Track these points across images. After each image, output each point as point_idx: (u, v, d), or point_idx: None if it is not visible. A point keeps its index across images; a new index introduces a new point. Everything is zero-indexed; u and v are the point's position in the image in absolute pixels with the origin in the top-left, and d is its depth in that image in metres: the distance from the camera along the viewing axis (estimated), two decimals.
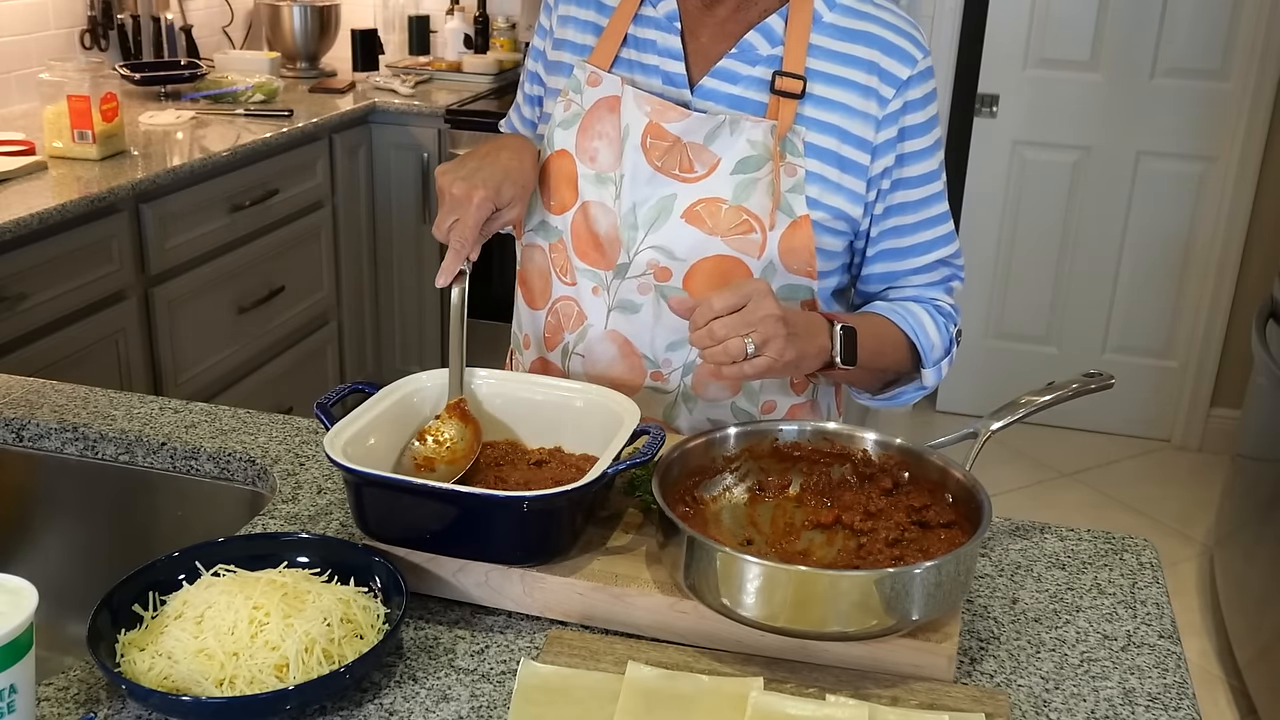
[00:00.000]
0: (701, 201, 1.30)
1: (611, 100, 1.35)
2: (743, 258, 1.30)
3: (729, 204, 1.30)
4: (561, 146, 1.37)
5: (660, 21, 1.36)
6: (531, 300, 1.44)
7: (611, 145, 1.34)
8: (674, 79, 1.35)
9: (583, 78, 1.37)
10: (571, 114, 1.37)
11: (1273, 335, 2.80)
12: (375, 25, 3.98)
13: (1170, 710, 0.99)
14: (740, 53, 1.33)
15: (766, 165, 1.29)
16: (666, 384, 1.37)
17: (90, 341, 2.49)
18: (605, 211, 1.34)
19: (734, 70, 1.33)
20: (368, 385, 1.22)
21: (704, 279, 1.31)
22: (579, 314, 1.38)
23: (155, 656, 0.95)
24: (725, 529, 1.14)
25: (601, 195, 1.34)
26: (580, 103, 1.37)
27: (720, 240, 1.30)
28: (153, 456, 1.37)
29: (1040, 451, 3.89)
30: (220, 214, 2.87)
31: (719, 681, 0.98)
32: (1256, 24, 3.60)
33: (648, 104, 1.33)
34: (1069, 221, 3.94)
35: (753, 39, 1.33)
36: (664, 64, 1.35)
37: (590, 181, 1.35)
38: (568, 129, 1.37)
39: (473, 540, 1.05)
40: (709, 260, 1.31)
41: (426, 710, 0.96)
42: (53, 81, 2.67)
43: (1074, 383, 1.25)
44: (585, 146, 1.35)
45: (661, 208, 1.32)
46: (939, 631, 1.01)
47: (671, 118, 1.32)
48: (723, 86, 1.33)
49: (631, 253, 1.33)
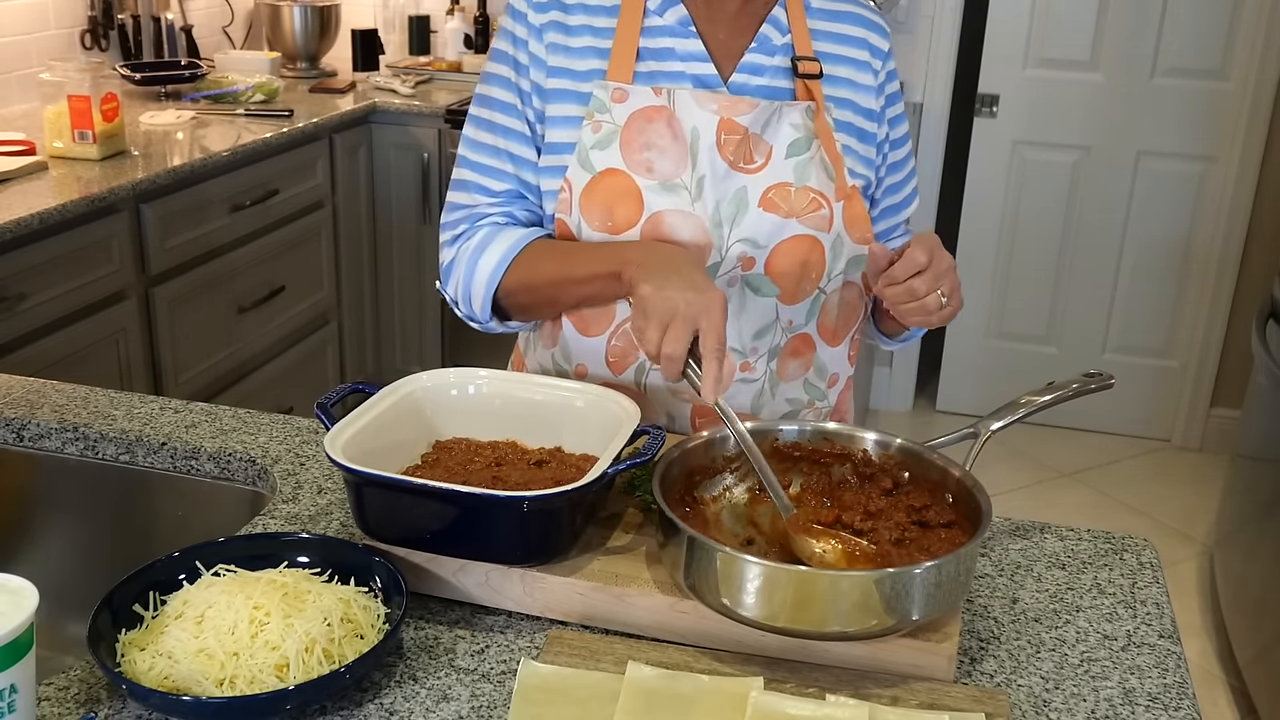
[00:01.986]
0: (772, 188, 1.35)
1: (648, 111, 1.33)
2: (817, 234, 1.37)
3: (795, 185, 1.35)
4: (608, 165, 1.33)
5: (673, 28, 1.36)
6: (585, 329, 1.39)
7: (666, 152, 1.33)
8: (706, 80, 1.36)
9: (606, 96, 1.34)
10: (606, 134, 1.34)
11: (1273, 335, 2.80)
12: (375, 25, 3.99)
13: (1170, 710, 0.99)
14: (759, 45, 1.38)
15: (813, 145, 1.37)
16: (754, 372, 1.39)
17: (90, 341, 2.49)
18: (685, 218, 1.33)
19: (758, 63, 1.38)
20: (368, 385, 1.22)
21: (784, 260, 1.36)
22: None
23: (155, 656, 0.95)
24: (725, 529, 1.14)
25: (675, 202, 1.33)
26: (613, 120, 1.34)
27: (796, 221, 1.35)
28: (153, 456, 1.37)
29: (1040, 451, 3.89)
30: (220, 214, 2.87)
31: (719, 681, 0.98)
32: (1256, 24, 3.60)
33: (713, 102, 1.33)
34: (1069, 221, 3.94)
35: (767, 30, 1.39)
36: (690, 68, 1.36)
37: (655, 191, 1.33)
38: (606, 148, 1.34)
39: (473, 540, 1.05)
40: (787, 242, 1.36)
41: (426, 710, 0.96)
42: (53, 81, 2.67)
43: (1074, 383, 1.25)
44: (636, 160, 1.33)
45: (738, 201, 1.34)
46: (939, 631, 1.01)
47: (742, 110, 1.34)
48: (752, 80, 1.38)
49: (724, 250, 1.34)
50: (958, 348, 4.15)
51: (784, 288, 1.37)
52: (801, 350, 1.42)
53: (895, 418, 4.17)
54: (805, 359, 1.42)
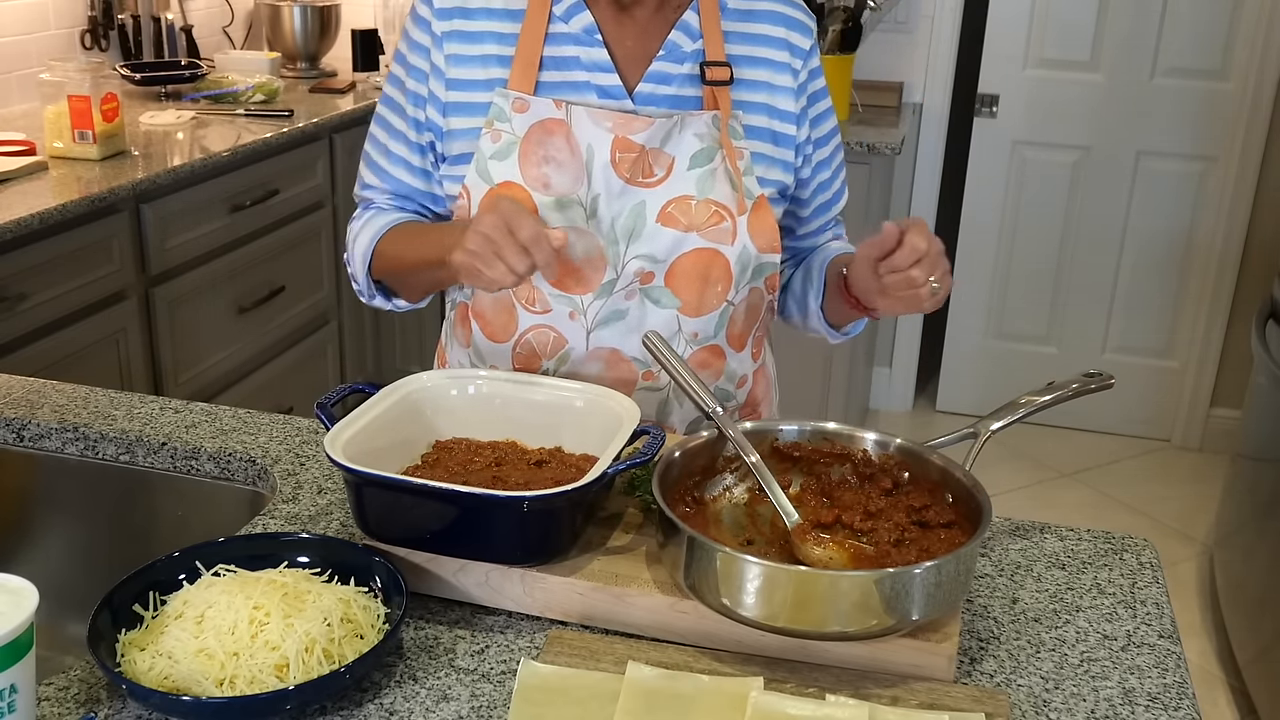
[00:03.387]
0: (671, 202, 1.33)
1: (548, 123, 1.32)
2: (718, 247, 1.35)
3: (697, 199, 1.34)
4: (505, 178, 1.32)
5: (578, 36, 1.34)
6: (492, 334, 1.40)
7: (564, 167, 1.32)
8: (610, 91, 1.34)
9: (507, 105, 1.32)
10: (505, 144, 1.32)
11: (1273, 335, 2.80)
12: (375, 25, 3.98)
13: (1170, 710, 0.99)
14: (667, 53, 1.36)
15: (717, 155, 1.35)
16: (657, 381, 1.39)
17: (90, 341, 2.49)
18: (579, 235, 1.32)
19: (665, 71, 1.36)
20: (368, 385, 1.22)
21: (685, 274, 1.35)
22: (556, 339, 1.37)
23: (155, 656, 0.95)
24: (725, 529, 1.14)
25: (569, 219, 1.32)
26: (512, 130, 1.32)
27: (696, 235, 1.34)
28: (153, 456, 1.37)
29: (1040, 451, 3.89)
30: (220, 214, 2.87)
31: (719, 681, 0.98)
32: (1256, 24, 3.60)
33: (607, 120, 1.32)
34: (1069, 221, 3.94)
35: (675, 38, 1.36)
36: (594, 78, 1.34)
37: (551, 208, 1.31)
38: (504, 159, 1.32)
39: (473, 540, 1.05)
40: (688, 255, 1.34)
41: (426, 710, 0.96)
42: (53, 81, 2.67)
43: (1074, 383, 1.25)
44: (533, 174, 1.32)
45: (635, 216, 1.33)
46: (939, 631, 1.01)
47: (637, 128, 1.32)
48: (659, 89, 1.36)
49: (619, 267, 1.34)
50: (958, 348, 4.15)
51: (685, 300, 1.36)
52: (711, 361, 1.41)
53: (895, 418, 4.17)
54: (715, 369, 1.42)
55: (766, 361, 1.53)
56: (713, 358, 1.41)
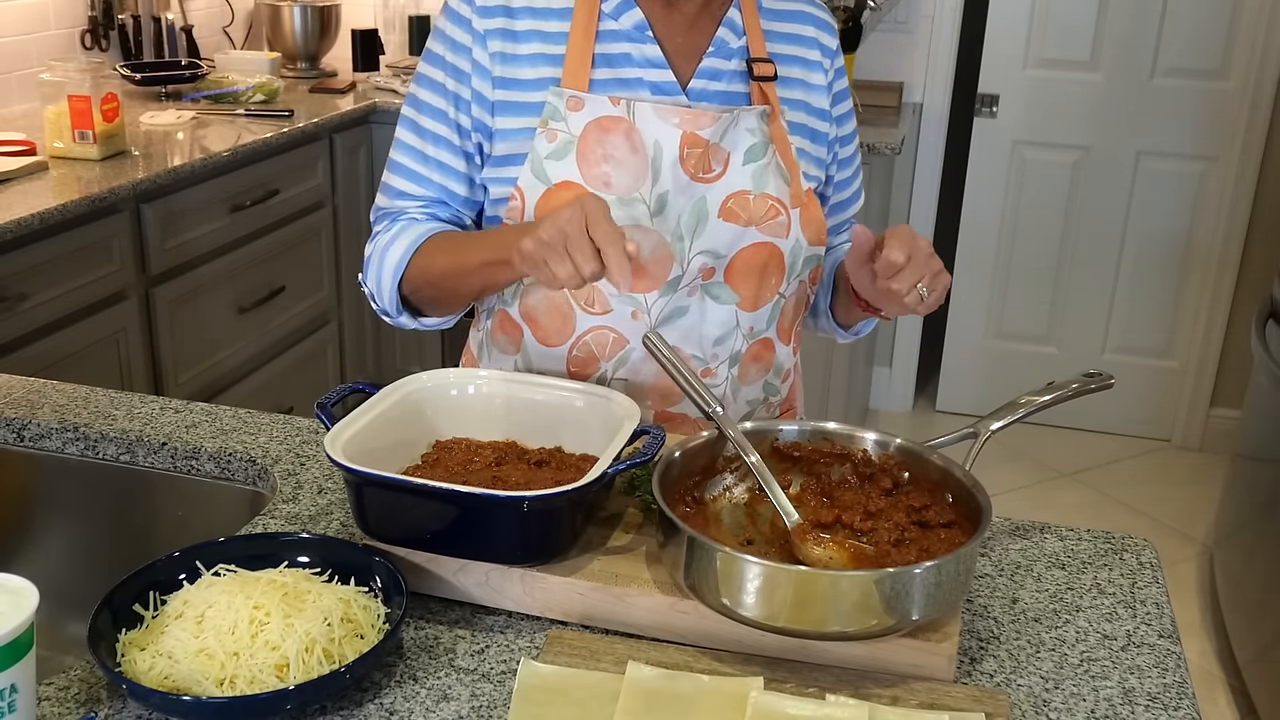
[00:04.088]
0: (731, 196, 1.34)
1: (605, 121, 1.30)
2: (775, 241, 1.36)
3: (754, 193, 1.34)
4: (564, 178, 1.31)
5: (630, 33, 1.33)
6: (545, 339, 1.38)
7: (624, 165, 1.30)
8: (664, 87, 1.34)
9: (561, 104, 1.31)
10: (561, 143, 1.31)
11: (1273, 335, 2.80)
12: (375, 25, 3.98)
13: (1170, 710, 0.99)
14: (717, 49, 1.36)
15: (768, 150, 1.35)
16: (715, 377, 1.40)
17: (91, 341, 2.49)
18: (644, 233, 1.31)
19: (716, 67, 1.36)
20: (368, 385, 1.22)
21: (744, 268, 1.36)
22: (616, 340, 1.36)
23: (156, 656, 0.95)
24: (725, 529, 1.14)
25: (633, 216, 1.31)
26: (568, 129, 1.31)
27: (755, 229, 1.35)
28: (153, 456, 1.37)
29: (1040, 451, 3.89)
30: (221, 214, 2.87)
31: (719, 681, 0.98)
32: (1256, 24, 3.60)
33: (674, 115, 1.31)
34: (1069, 221, 3.94)
35: (723, 34, 1.37)
36: (648, 74, 1.33)
37: (613, 206, 1.29)
38: (562, 159, 1.31)
39: (473, 540, 1.05)
40: (746, 250, 1.35)
41: (426, 710, 0.96)
42: (53, 81, 2.67)
43: (1074, 383, 1.25)
44: (593, 173, 1.30)
45: (697, 212, 1.33)
46: (939, 631, 1.01)
47: (704, 123, 1.32)
48: (711, 85, 1.36)
49: (685, 263, 1.33)
50: (958, 348, 4.15)
51: (744, 295, 1.37)
52: (763, 355, 1.43)
53: (895, 418, 4.17)
54: (766, 362, 1.43)
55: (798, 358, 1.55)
56: (764, 351, 1.42)
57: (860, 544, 1.10)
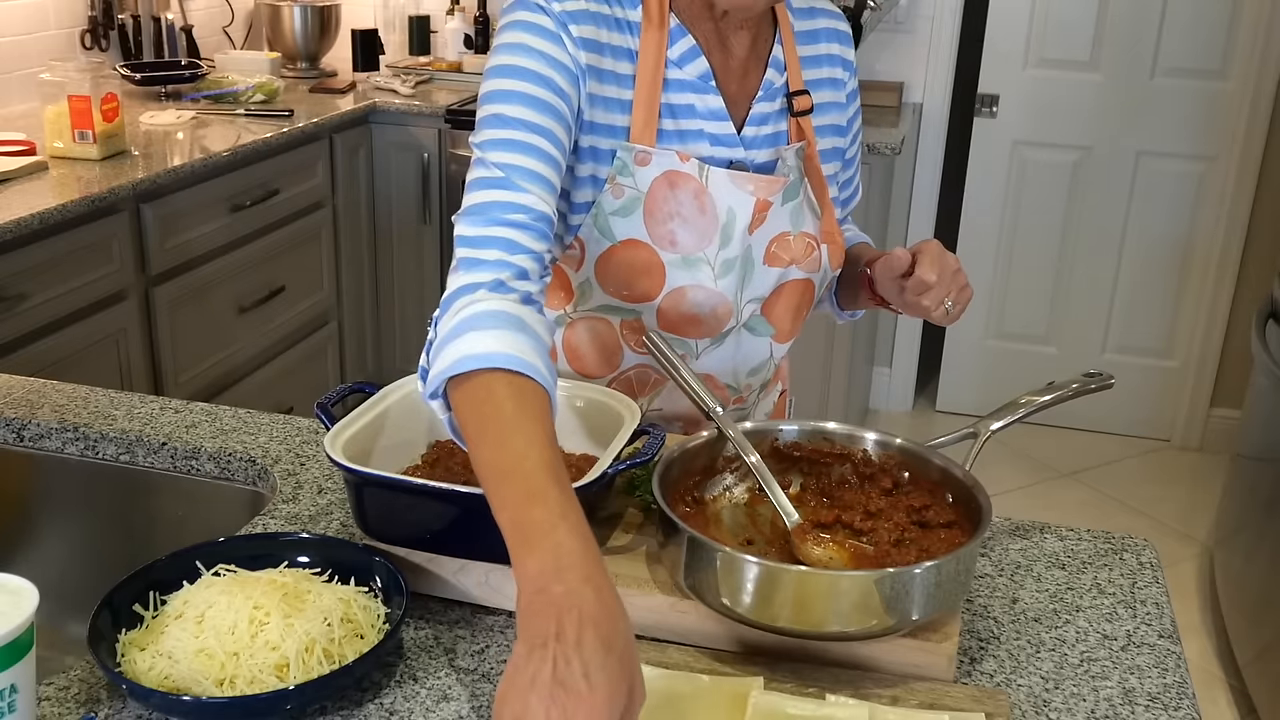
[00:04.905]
0: (774, 240, 1.33)
1: (672, 176, 1.26)
2: (810, 276, 1.37)
3: (793, 233, 1.34)
4: (629, 235, 1.26)
5: (695, 84, 1.28)
6: (585, 370, 1.37)
7: (690, 223, 1.27)
8: (723, 140, 1.29)
9: (630, 159, 1.25)
10: (629, 199, 1.26)
11: (1273, 335, 2.80)
12: (375, 25, 3.99)
13: (1170, 710, 0.99)
14: (765, 92, 1.33)
15: (802, 186, 1.35)
16: (744, 406, 1.43)
17: (91, 341, 2.49)
18: (707, 294, 1.29)
19: (764, 112, 1.33)
20: (368, 385, 1.22)
21: (782, 304, 1.38)
22: (658, 378, 1.37)
23: (155, 656, 0.95)
24: (725, 529, 1.14)
25: (697, 277, 1.28)
26: (636, 185, 1.26)
27: (795, 268, 1.35)
28: (153, 456, 1.37)
29: (1040, 451, 3.89)
30: (220, 214, 2.87)
31: (719, 681, 0.98)
32: (1256, 24, 3.60)
33: (749, 183, 1.28)
34: (1069, 221, 3.94)
35: (769, 75, 1.33)
36: (708, 126, 1.28)
37: (677, 266, 1.27)
38: (628, 216, 1.26)
39: (473, 540, 1.05)
40: (785, 286, 1.36)
41: (426, 710, 0.96)
42: (53, 81, 2.67)
43: (1074, 383, 1.25)
44: (660, 232, 1.27)
45: (746, 261, 1.32)
46: (939, 631, 1.01)
47: (776, 189, 1.31)
48: (761, 130, 1.33)
49: (740, 314, 1.34)
50: (958, 348, 4.15)
51: (779, 329, 1.39)
52: (779, 375, 1.48)
53: (895, 418, 4.17)
54: (780, 378, 1.48)
55: None
56: (780, 371, 1.48)
57: (860, 544, 1.10)
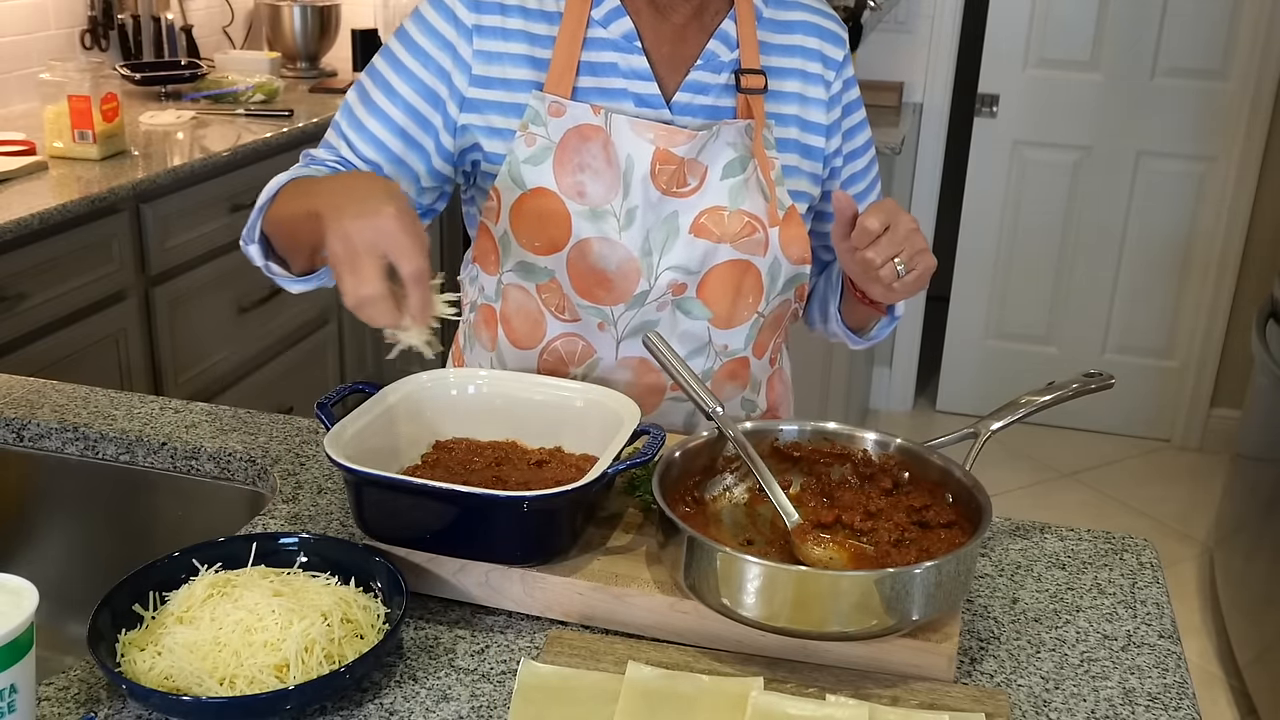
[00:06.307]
0: (704, 212, 1.31)
1: (585, 129, 1.29)
2: (750, 259, 1.34)
3: (729, 209, 1.32)
4: (539, 184, 1.29)
5: (618, 43, 1.31)
6: (517, 341, 1.38)
7: (599, 176, 1.29)
8: (648, 100, 1.31)
9: (542, 109, 1.29)
10: (539, 148, 1.29)
11: (1273, 335, 2.80)
12: (375, 25, 3.98)
13: (1170, 710, 0.99)
14: (705, 62, 1.33)
15: (749, 165, 1.33)
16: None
17: (90, 341, 2.49)
18: (612, 246, 1.30)
19: (703, 81, 1.33)
20: (368, 385, 1.22)
21: (717, 285, 1.34)
22: (585, 348, 1.36)
23: (155, 656, 0.95)
24: (725, 529, 1.14)
25: (601, 229, 1.30)
26: (547, 135, 1.29)
27: (729, 246, 1.33)
28: (153, 456, 1.37)
29: (1040, 451, 3.89)
30: (220, 214, 2.87)
31: (719, 681, 0.98)
32: (1256, 24, 3.60)
33: (649, 130, 1.29)
34: (1069, 221, 3.94)
35: (714, 47, 1.33)
36: (632, 85, 1.31)
37: (584, 217, 1.29)
38: (539, 164, 1.29)
39: (473, 540, 1.05)
40: (720, 266, 1.33)
41: (426, 710, 0.96)
42: (53, 81, 2.67)
43: (1074, 383, 1.25)
44: (568, 182, 1.29)
45: (668, 228, 1.31)
46: (939, 631, 1.01)
47: (679, 140, 1.30)
48: (696, 99, 1.33)
49: (653, 279, 1.32)
50: (958, 348, 4.15)
51: (717, 312, 1.35)
52: (739, 373, 1.41)
53: (895, 418, 4.17)
54: (742, 379, 1.42)
55: (783, 364, 1.53)
56: (740, 369, 1.41)
57: (860, 544, 1.10)
